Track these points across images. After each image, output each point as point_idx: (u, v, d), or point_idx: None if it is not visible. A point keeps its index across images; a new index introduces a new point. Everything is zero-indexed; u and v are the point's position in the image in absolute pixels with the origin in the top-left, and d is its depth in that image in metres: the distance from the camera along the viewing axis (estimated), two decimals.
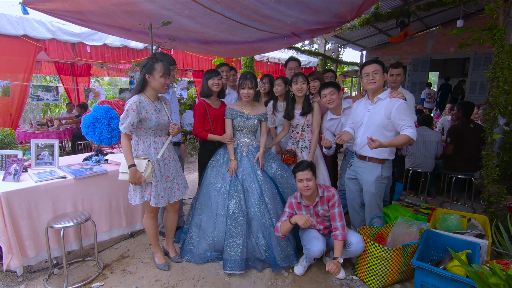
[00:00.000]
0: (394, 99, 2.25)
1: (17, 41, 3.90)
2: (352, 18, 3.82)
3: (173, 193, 2.29)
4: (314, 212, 2.36)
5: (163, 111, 2.25)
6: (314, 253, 2.23)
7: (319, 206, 2.34)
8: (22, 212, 2.15)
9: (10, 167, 2.25)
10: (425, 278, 2.02)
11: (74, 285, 2.19)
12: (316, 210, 2.35)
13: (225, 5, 2.91)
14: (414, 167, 3.88)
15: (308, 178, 2.22)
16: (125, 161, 2.10)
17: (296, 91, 2.68)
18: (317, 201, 2.32)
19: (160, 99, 2.29)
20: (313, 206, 2.33)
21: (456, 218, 2.62)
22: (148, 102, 2.16)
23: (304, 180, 2.22)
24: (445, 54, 9.13)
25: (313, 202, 2.33)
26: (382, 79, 2.30)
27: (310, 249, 2.25)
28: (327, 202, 2.33)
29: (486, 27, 2.67)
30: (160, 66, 2.11)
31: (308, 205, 2.34)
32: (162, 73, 2.11)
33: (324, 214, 2.34)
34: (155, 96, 2.22)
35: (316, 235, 2.33)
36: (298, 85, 2.66)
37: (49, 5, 3.00)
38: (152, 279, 2.27)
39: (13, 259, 2.10)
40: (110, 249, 2.69)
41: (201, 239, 2.50)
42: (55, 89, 4.96)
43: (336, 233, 2.24)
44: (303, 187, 2.23)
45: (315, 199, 2.32)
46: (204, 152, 2.86)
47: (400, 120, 2.19)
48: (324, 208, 2.33)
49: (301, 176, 2.23)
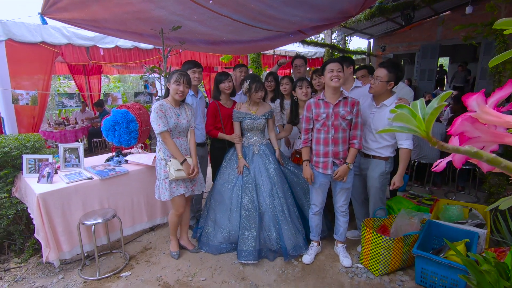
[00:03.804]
0: None
1: (36, 47, 4.10)
2: (356, 13, 3.87)
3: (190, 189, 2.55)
4: (334, 113, 2.30)
5: (183, 115, 2.48)
6: (316, 207, 2.52)
7: (341, 107, 2.30)
8: (56, 210, 2.39)
9: (43, 170, 2.48)
10: (424, 265, 2.18)
11: (105, 274, 2.45)
12: (336, 110, 2.29)
13: (232, 8, 3.03)
14: (419, 158, 3.99)
15: (338, 69, 2.22)
16: (175, 160, 2.39)
17: (302, 95, 2.72)
18: (340, 100, 2.29)
19: (183, 105, 2.53)
20: (334, 104, 2.30)
21: (458, 209, 2.75)
22: (170, 106, 2.42)
23: (335, 70, 2.21)
24: (455, 39, 8.96)
25: (335, 101, 2.30)
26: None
27: (313, 206, 2.54)
28: (351, 106, 2.30)
29: (489, 22, 2.72)
30: (175, 75, 2.37)
31: (329, 102, 2.31)
32: (174, 80, 2.37)
33: (344, 116, 2.28)
34: (176, 102, 2.46)
35: (319, 194, 2.50)
36: (303, 89, 2.71)
37: (66, 15, 3.16)
38: (174, 269, 2.50)
39: (51, 253, 2.36)
40: (133, 242, 2.94)
41: (216, 232, 2.71)
42: (77, 96, 5.24)
43: (354, 141, 2.33)
44: (332, 76, 2.20)
45: (338, 98, 2.30)
46: (214, 149, 3.09)
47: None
48: (346, 110, 2.29)
49: (331, 67, 2.23)
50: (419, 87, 9.74)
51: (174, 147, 2.39)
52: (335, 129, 2.32)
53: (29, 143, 2.72)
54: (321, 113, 2.33)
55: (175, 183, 2.46)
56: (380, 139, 2.45)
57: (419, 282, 2.25)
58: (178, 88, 2.37)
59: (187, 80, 2.41)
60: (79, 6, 2.89)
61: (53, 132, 6.28)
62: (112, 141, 3.04)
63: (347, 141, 2.36)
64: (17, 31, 3.88)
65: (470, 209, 2.80)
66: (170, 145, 2.38)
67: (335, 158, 2.37)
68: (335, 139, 2.33)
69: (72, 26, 3.79)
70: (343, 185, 2.44)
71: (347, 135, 2.35)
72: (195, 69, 2.82)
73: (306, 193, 2.84)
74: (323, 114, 2.33)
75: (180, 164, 2.39)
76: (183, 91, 2.39)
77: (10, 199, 2.60)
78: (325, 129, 2.34)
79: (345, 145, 2.36)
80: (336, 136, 2.33)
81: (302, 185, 2.83)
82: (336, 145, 2.35)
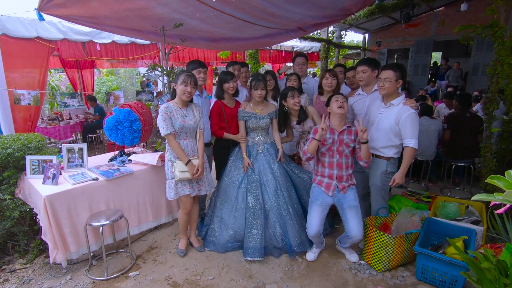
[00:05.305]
0: (406, 106, 2.39)
1: (31, 43, 4.00)
2: (356, 10, 3.90)
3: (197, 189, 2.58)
4: (339, 139, 2.39)
5: (190, 116, 2.49)
6: (312, 231, 2.44)
7: (345, 135, 2.39)
8: (63, 212, 2.39)
9: (48, 171, 2.46)
10: (425, 262, 2.27)
11: (113, 274, 2.47)
12: (341, 137, 2.39)
13: (235, 6, 3.01)
14: (416, 155, 4.09)
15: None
16: (180, 162, 2.41)
17: (293, 105, 2.73)
18: (345, 129, 2.39)
19: (190, 106, 2.53)
20: (339, 132, 2.39)
21: (455, 206, 2.86)
22: (176, 108, 2.43)
23: (340, 99, 2.35)
24: (448, 35, 9.07)
25: (340, 128, 2.39)
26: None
27: (308, 226, 2.48)
28: (355, 135, 2.39)
29: (488, 24, 2.78)
30: (182, 76, 2.37)
31: (335, 129, 2.40)
32: (181, 81, 2.38)
33: (348, 143, 2.38)
34: (183, 103, 2.47)
35: (317, 213, 2.44)
36: (296, 99, 2.72)
37: (64, 11, 3.09)
38: (182, 268, 2.54)
39: (58, 254, 2.36)
40: (139, 241, 2.96)
41: (222, 231, 2.75)
42: (79, 95, 5.17)
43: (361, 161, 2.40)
44: (338, 104, 2.32)
45: (343, 126, 2.39)
46: (218, 148, 3.09)
47: (406, 129, 2.37)
48: (350, 138, 2.39)
49: (337, 97, 2.37)
50: (413, 82, 9.87)
51: (178, 149, 2.42)
52: (339, 155, 2.42)
53: (32, 143, 2.68)
54: (327, 138, 2.40)
55: (181, 183, 2.49)
56: (386, 139, 2.50)
57: (419, 277, 2.35)
58: (186, 89, 2.37)
59: (194, 80, 2.42)
60: (78, 3, 2.82)
61: (47, 128, 6.16)
62: (115, 140, 3.02)
63: (349, 167, 2.46)
64: (12, 26, 3.78)
65: (466, 206, 2.90)
66: (174, 147, 2.42)
67: (339, 182, 2.43)
68: (339, 163, 2.42)
69: (69, 22, 3.71)
70: (350, 203, 2.41)
71: (349, 161, 2.45)
72: (200, 69, 2.81)
73: (309, 192, 2.89)
74: (329, 140, 2.40)
75: (185, 165, 2.41)
76: (191, 91, 2.40)
77: (14, 201, 2.58)
78: (330, 153, 2.43)
79: (348, 170, 2.45)
80: (340, 161, 2.42)
81: (305, 185, 2.88)
82: (341, 170, 2.43)
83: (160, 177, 2.94)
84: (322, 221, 2.48)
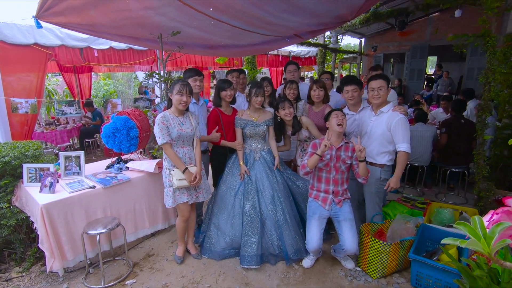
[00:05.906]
0: (395, 112, 2.48)
1: (28, 49, 4.01)
2: (352, 18, 3.95)
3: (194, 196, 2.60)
4: (336, 155, 2.43)
5: (187, 124, 2.51)
6: (313, 246, 2.45)
7: (343, 151, 2.43)
8: (60, 220, 2.39)
9: (45, 180, 2.47)
10: (420, 269, 2.30)
11: (110, 283, 2.47)
12: (338, 153, 2.43)
13: (232, 15, 3.05)
14: (411, 161, 4.13)
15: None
16: (178, 170, 2.43)
17: (285, 116, 2.77)
18: (342, 145, 2.43)
19: (187, 114, 2.56)
20: (337, 148, 2.43)
21: (449, 212, 2.89)
22: (173, 117, 2.46)
23: (339, 115, 2.39)
24: (443, 40, 9.18)
25: (338, 144, 2.43)
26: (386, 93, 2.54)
27: (308, 241, 2.49)
28: (352, 151, 2.43)
29: (480, 34, 2.84)
30: (177, 86, 2.40)
31: (333, 145, 2.42)
32: (177, 91, 2.41)
33: (344, 160, 2.42)
34: (179, 111, 2.49)
35: (317, 227, 2.45)
36: (286, 110, 2.75)
37: (62, 19, 3.10)
38: (179, 276, 2.55)
39: (55, 262, 2.37)
40: (136, 248, 2.96)
41: (219, 238, 2.77)
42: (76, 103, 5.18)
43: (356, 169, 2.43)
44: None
45: (340, 142, 2.44)
46: (215, 155, 3.11)
47: (397, 134, 2.43)
48: (347, 155, 2.43)
49: (337, 113, 2.41)
50: (409, 86, 9.97)
51: (175, 158, 2.44)
52: (336, 171, 2.46)
53: (29, 151, 2.69)
54: (325, 154, 2.41)
55: (178, 191, 2.51)
56: (379, 145, 2.55)
57: (414, 284, 2.37)
58: (181, 99, 2.40)
59: (189, 90, 2.45)
60: (76, 11, 2.84)
61: (43, 132, 6.15)
62: (112, 147, 3.03)
63: (344, 182, 2.50)
64: (9, 33, 3.78)
65: (460, 212, 2.94)
66: (170, 155, 2.45)
67: (335, 196, 2.48)
68: (336, 179, 2.47)
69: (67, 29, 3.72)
70: (346, 215, 2.44)
71: (345, 176, 2.49)
72: (196, 77, 2.85)
73: (305, 200, 2.92)
74: (327, 155, 2.44)
75: (182, 173, 2.43)
76: (186, 101, 2.43)
77: (11, 209, 2.58)
78: (327, 169, 2.47)
79: (343, 185, 2.49)
80: (336, 177, 2.47)
81: (301, 193, 2.90)
82: (336, 185, 2.48)
83: (157, 184, 2.96)
84: (321, 235, 2.51)
